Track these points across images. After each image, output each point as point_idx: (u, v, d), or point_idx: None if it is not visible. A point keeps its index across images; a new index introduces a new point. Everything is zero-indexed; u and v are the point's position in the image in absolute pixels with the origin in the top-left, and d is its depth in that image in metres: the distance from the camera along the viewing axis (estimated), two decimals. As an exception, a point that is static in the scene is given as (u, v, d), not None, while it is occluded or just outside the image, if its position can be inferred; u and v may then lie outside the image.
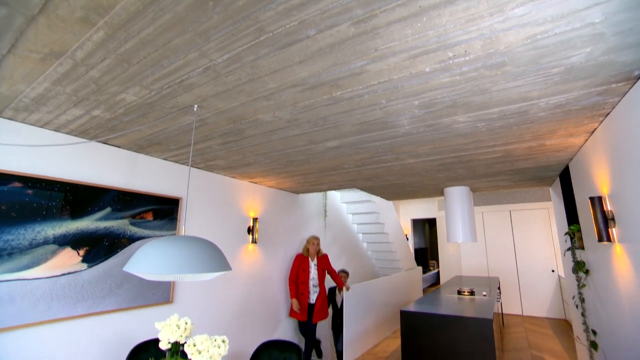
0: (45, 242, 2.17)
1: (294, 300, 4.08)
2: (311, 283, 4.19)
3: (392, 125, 2.06)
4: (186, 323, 1.58)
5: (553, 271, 6.63)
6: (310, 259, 4.27)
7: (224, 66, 1.43)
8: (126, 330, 2.58)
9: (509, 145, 2.50)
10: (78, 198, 2.37)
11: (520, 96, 1.67)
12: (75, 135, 2.32)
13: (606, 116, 1.93)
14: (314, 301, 4.19)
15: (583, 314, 3.23)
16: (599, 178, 2.27)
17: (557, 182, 3.89)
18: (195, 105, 1.81)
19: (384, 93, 1.65)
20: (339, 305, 4.49)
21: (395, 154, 2.70)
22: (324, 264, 4.34)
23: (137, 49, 1.32)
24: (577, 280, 3.24)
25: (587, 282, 3.02)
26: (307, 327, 4.13)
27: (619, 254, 2.11)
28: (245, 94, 1.67)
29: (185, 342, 1.50)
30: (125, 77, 1.52)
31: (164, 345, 1.53)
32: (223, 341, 1.49)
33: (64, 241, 2.27)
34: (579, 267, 3.07)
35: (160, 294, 2.85)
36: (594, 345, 3.01)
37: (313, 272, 4.24)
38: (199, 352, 1.41)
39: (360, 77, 1.51)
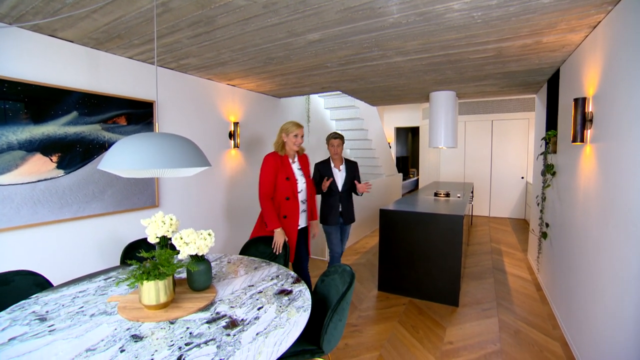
0: (10, 147, 2.07)
1: (279, 230, 2.36)
2: (300, 198, 2.57)
3: (380, 12, 1.84)
4: (171, 219, 1.63)
5: (522, 178, 7.08)
6: (290, 159, 2.58)
7: None
8: (117, 232, 2.69)
9: (502, 43, 2.33)
10: (36, 100, 2.18)
11: (527, -25, 1.47)
12: (9, 24, 1.98)
13: (615, 4, 1.77)
14: (305, 224, 2.68)
15: (541, 211, 3.57)
16: (588, 79, 2.22)
17: (544, 89, 3.82)
18: (151, -17, 1.53)
19: (374, -33, 1.41)
20: (340, 187, 3.08)
21: (382, 50, 2.50)
22: (306, 167, 2.70)
23: None
24: (543, 182, 3.48)
25: (552, 183, 3.25)
26: (302, 265, 2.63)
27: (587, 154, 2.20)
28: (209, -35, 1.40)
29: (173, 237, 1.56)
30: None
31: (152, 240, 1.59)
32: (209, 234, 1.55)
33: (31, 147, 2.17)
34: (548, 169, 3.25)
35: (145, 198, 2.90)
36: (544, 235, 3.42)
37: (301, 182, 2.59)
38: (187, 244, 1.48)
39: (346, -57, 1.26)
